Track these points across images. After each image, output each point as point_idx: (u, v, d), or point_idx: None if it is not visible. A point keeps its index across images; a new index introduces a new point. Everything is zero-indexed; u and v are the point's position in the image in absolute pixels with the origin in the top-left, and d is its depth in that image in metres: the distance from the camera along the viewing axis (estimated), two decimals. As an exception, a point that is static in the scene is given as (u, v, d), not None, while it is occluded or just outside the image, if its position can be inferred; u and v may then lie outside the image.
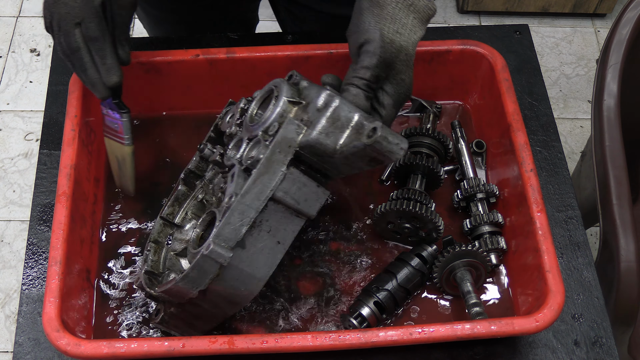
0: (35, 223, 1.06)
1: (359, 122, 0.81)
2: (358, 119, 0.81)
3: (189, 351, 0.85)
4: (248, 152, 0.86)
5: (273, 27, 1.53)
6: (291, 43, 1.21)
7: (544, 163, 1.13)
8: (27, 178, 2.16)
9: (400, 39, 0.86)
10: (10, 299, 1.96)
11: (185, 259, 0.94)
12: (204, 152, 0.97)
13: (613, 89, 1.33)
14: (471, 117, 1.18)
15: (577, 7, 2.49)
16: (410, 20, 0.87)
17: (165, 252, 0.95)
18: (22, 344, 0.97)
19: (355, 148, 0.82)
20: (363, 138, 0.81)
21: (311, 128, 0.82)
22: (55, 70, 1.20)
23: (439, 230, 1.01)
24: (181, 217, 0.97)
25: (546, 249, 0.92)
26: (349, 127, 0.82)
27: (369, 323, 0.96)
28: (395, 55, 0.86)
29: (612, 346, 0.99)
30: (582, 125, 2.33)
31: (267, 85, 0.93)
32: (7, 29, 2.47)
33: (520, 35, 1.26)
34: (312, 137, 0.82)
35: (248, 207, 0.82)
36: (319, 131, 0.81)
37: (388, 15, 0.86)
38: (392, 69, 0.87)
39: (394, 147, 0.82)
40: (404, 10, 0.86)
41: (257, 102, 0.93)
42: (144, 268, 0.92)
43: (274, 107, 0.86)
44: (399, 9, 0.86)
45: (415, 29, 0.87)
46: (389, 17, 0.85)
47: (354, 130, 0.81)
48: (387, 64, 0.86)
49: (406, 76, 0.88)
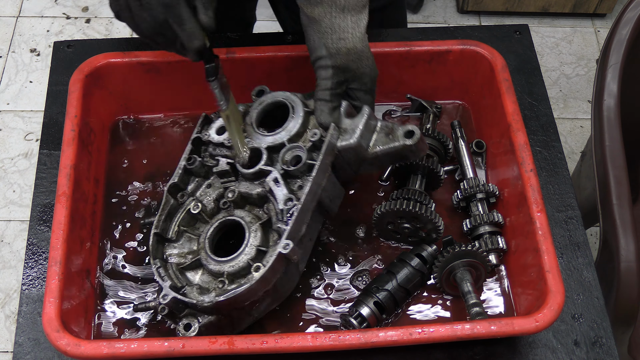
0: (35, 223, 1.06)
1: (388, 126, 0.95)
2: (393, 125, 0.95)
3: (189, 351, 0.85)
4: (285, 158, 0.94)
5: (273, 27, 1.53)
6: (291, 43, 1.21)
7: (544, 163, 1.13)
8: (27, 178, 2.16)
9: (345, 45, 0.91)
10: (10, 299, 1.96)
11: (191, 271, 0.94)
12: (194, 166, 0.98)
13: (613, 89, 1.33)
14: (471, 117, 1.18)
15: (577, 7, 2.49)
16: (348, 20, 0.91)
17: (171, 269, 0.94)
18: (22, 344, 0.97)
19: (392, 149, 0.94)
20: (400, 139, 0.93)
21: (349, 134, 0.93)
22: (55, 70, 1.20)
23: (439, 230, 1.01)
24: (174, 232, 0.97)
25: (546, 249, 0.92)
26: (377, 131, 0.96)
27: (369, 323, 0.95)
28: (345, 59, 0.92)
29: (612, 346, 0.98)
30: (582, 125, 2.33)
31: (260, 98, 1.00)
32: (7, 29, 2.47)
33: (520, 35, 1.26)
34: (353, 141, 0.93)
35: (307, 208, 0.92)
36: (358, 136, 0.93)
37: (327, 27, 0.91)
38: (349, 70, 0.93)
39: (423, 146, 0.95)
40: (339, 16, 0.91)
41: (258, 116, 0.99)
42: (165, 284, 0.90)
43: (294, 121, 0.96)
44: (334, 17, 0.91)
45: (358, 22, 0.92)
46: (328, 30, 0.91)
47: (382, 132, 0.95)
48: (342, 69, 0.93)
49: (364, 67, 0.94)
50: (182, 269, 0.94)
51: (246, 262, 0.90)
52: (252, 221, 0.93)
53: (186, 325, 0.90)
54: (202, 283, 0.93)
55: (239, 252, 0.91)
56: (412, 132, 0.93)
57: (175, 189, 0.98)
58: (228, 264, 0.91)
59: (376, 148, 0.95)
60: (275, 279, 0.90)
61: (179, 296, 0.89)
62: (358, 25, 0.91)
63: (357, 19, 0.91)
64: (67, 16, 2.51)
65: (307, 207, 0.91)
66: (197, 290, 0.91)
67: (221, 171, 0.97)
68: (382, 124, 0.96)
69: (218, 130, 1.00)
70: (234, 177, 0.97)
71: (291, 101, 0.98)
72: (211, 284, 0.92)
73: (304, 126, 0.96)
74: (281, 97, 0.99)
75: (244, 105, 1.01)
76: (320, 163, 0.92)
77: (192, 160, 0.98)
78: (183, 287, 0.92)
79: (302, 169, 0.92)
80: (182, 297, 0.89)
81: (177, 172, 0.98)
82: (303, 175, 0.93)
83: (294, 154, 0.95)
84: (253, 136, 0.97)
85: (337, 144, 0.94)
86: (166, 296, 0.89)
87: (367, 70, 0.94)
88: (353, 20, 0.91)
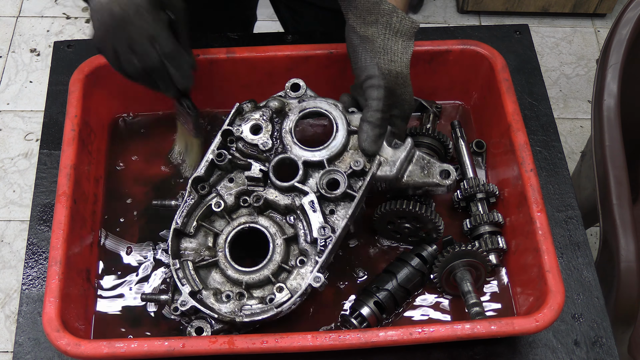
0: (35, 223, 1.06)
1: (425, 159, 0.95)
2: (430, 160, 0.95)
3: (189, 351, 0.85)
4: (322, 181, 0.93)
5: (273, 27, 1.53)
6: (291, 43, 1.21)
7: (544, 163, 1.13)
8: (27, 178, 2.16)
9: (395, 67, 0.91)
10: (10, 299, 1.96)
11: (205, 269, 0.94)
12: (223, 163, 0.95)
13: (613, 89, 1.33)
14: (471, 117, 1.18)
15: (577, 7, 2.49)
16: (399, 45, 0.92)
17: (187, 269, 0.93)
18: (22, 344, 0.97)
19: (425, 184, 0.95)
20: (435, 177, 0.94)
21: (389, 165, 0.93)
22: (55, 70, 1.20)
23: (439, 230, 1.01)
24: (192, 227, 0.96)
25: (546, 249, 0.92)
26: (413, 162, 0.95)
27: (369, 323, 0.95)
28: (394, 82, 0.92)
29: (612, 346, 0.98)
30: (582, 125, 2.33)
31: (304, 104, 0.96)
32: (7, 29, 2.46)
33: (520, 35, 1.26)
34: (392, 174, 0.93)
35: (340, 237, 0.92)
36: (398, 169, 0.93)
37: (380, 48, 0.91)
38: (395, 95, 0.93)
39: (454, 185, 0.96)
40: (392, 39, 0.91)
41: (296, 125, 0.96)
42: (185, 290, 0.90)
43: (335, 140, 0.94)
44: (387, 38, 0.91)
45: (406, 49, 0.92)
46: (381, 50, 0.91)
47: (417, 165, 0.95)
48: (391, 92, 0.92)
49: (406, 94, 0.94)
50: (198, 267, 0.94)
51: (266, 277, 0.91)
52: (277, 234, 0.93)
53: (198, 328, 0.90)
54: (217, 285, 0.93)
55: (261, 266, 0.92)
56: (449, 173, 0.94)
57: (199, 181, 0.96)
58: (248, 275, 0.92)
59: (409, 179, 0.95)
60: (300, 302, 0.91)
61: (198, 305, 0.89)
62: (406, 50, 0.92)
63: (407, 44, 0.92)
64: (67, 16, 2.51)
65: (340, 238, 0.92)
66: (213, 293, 0.92)
67: (252, 177, 0.95)
68: (419, 156, 0.95)
69: (253, 128, 0.95)
70: (263, 183, 0.95)
71: (334, 116, 0.95)
72: (226, 286, 0.93)
73: (344, 147, 0.94)
74: (324, 109, 0.95)
75: (278, 101, 0.97)
76: (360, 196, 0.91)
77: (222, 156, 0.95)
78: (199, 291, 0.92)
79: (339, 197, 0.92)
80: (201, 307, 0.89)
81: (204, 164, 0.95)
82: (338, 201, 0.92)
83: (332, 177, 0.93)
84: (289, 145, 0.94)
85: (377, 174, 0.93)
86: (185, 302, 0.90)
87: (408, 98, 0.95)
88: (403, 45, 0.92)
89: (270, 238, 0.92)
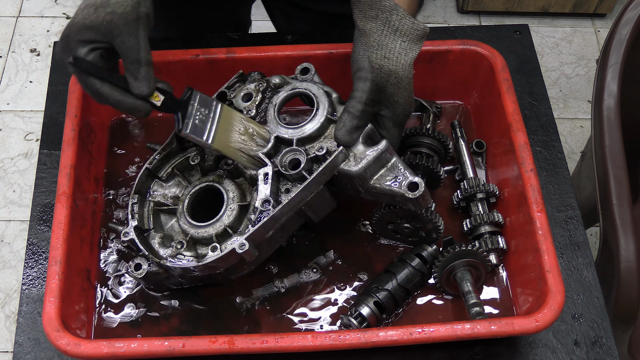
0: (35, 223, 1.06)
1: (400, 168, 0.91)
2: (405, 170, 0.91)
3: (189, 351, 0.85)
4: (284, 158, 0.92)
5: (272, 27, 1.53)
6: (291, 43, 1.21)
7: (544, 163, 1.13)
8: (27, 178, 2.16)
9: (388, 64, 0.89)
10: (10, 299, 1.96)
11: (166, 215, 0.97)
12: None
13: (613, 89, 1.33)
14: (471, 117, 1.18)
15: (577, 7, 2.49)
16: (398, 44, 0.90)
17: (147, 207, 0.97)
18: (22, 344, 0.97)
19: (391, 192, 0.91)
20: (402, 187, 0.89)
21: (355, 162, 0.90)
22: (55, 70, 1.20)
23: (439, 230, 1.01)
24: (166, 172, 0.99)
25: (546, 249, 0.92)
26: (387, 167, 0.92)
27: (369, 323, 0.95)
28: (385, 79, 0.90)
29: (612, 346, 0.98)
30: (582, 125, 2.33)
31: (296, 82, 0.97)
32: (7, 29, 2.46)
33: (520, 35, 1.26)
34: (354, 170, 0.90)
35: (280, 216, 0.90)
36: (362, 167, 0.90)
37: (375, 42, 0.90)
38: (384, 93, 0.91)
39: (424, 202, 0.91)
40: (389, 36, 0.90)
41: (283, 101, 0.96)
42: (132, 223, 0.93)
43: (311, 123, 0.92)
44: (384, 35, 0.90)
45: (406, 51, 0.90)
46: (375, 44, 0.90)
47: (388, 171, 0.91)
48: (379, 88, 0.90)
49: (400, 97, 0.92)
50: (159, 210, 0.97)
51: (210, 235, 0.92)
52: (234, 199, 0.94)
53: (136, 265, 0.93)
54: (173, 233, 0.96)
55: (207, 224, 0.93)
56: (417, 185, 0.89)
57: None
58: (194, 229, 0.93)
59: (377, 183, 0.91)
60: (222, 268, 0.91)
61: (136, 240, 0.92)
62: (406, 53, 0.90)
63: (408, 47, 0.90)
64: (67, 16, 2.51)
65: (279, 216, 0.90)
66: (160, 239, 0.94)
67: None
68: (395, 163, 0.91)
69: (244, 96, 0.97)
70: None
71: (319, 101, 0.94)
72: (179, 237, 0.95)
73: (319, 132, 0.92)
74: (313, 92, 0.94)
75: (281, 78, 0.98)
76: (311, 180, 0.89)
77: None
78: (148, 230, 0.95)
79: (295, 177, 0.90)
80: (139, 243, 0.92)
81: None
82: (295, 181, 0.91)
83: (294, 157, 0.92)
84: (270, 118, 0.95)
85: (340, 166, 0.91)
86: (127, 234, 0.93)
87: (402, 101, 0.92)
88: (402, 46, 0.90)
89: (226, 200, 0.94)
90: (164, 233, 0.96)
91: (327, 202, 0.96)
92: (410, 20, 0.90)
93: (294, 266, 1.03)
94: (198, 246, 0.94)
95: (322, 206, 0.96)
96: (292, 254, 1.04)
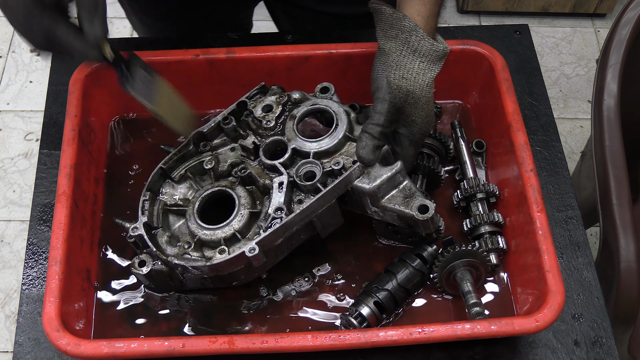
0: (35, 223, 1.06)
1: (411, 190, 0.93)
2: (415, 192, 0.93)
3: (189, 351, 0.85)
4: (300, 169, 0.94)
5: (273, 27, 1.53)
6: (291, 43, 1.21)
7: (544, 163, 1.13)
8: (27, 178, 2.16)
9: (406, 84, 0.90)
10: (10, 299, 1.96)
11: (174, 216, 0.98)
12: (228, 126, 0.99)
13: (613, 89, 1.33)
14: (471, 117, 1.18)
15: (577, 7, 2.49)
16: (416, 65, 0.90)
17: (157, 206, 0.98)
18: (22, 344, 0.97)
19: (401, 212, 0.92)
20: (412, 209, 0.91)
21: (370, 180, 0.92)
22: (55, 70, 1.20)
23: (439, 230, 1.01)
24: (179, 174, 1.00)
25: (546, 249, 0.92)
26: (399, 188, 0.93)
27: (369, 323, 0.95)
28: (403, 99, 0.90)
29: (612, 346, 0.99)
30: (582, 125, 2.33)
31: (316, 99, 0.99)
32: (7, 29, 2.46)
33: (520, 35, 1.26)
34: (368, 188, 0.92)
35: (292, 224, 0.92)
36: (376, 186, 0.91)
37: (393, 62, 0.90)
38: (402, 113, 0.92)
39: (432, 225, 0.93)
40: (408, 57, 0.90)
41: (303, 114, 0.99)
42: (142, 219, 0.94)
43: (330, 138, 0.95)
44: (403, 55, 0.90)
45: (424, 71, 0.91)
46: (394, 64, 0.90)
47: (401, 193, 0.93)
48: (397, 108, 0.91)
49: (417, 117, 0.92)
50: (168, 210, 0.97)
51: (219, 239, 0.92)
52: (246, 205, 0.94)
53: (141, 262, 0.93)
54: (180, 235, 0.96)
55: (217, 227, 0.93)
56: (427, 208, 0.91)
57: (201, 137, 1.00)
58: (203, 231, 0.93)
59: (388, 203, 0.93)
60: (228, 271, 0.92)
61: (145, 236, 0.92)
62: (425, 73, 0.91)
63: (427, 67, 0.91)
64: (67, 16, 2.51)
65: (290, 225, 0.91)
66: (167, 238, 0.95)
67: (244, 146, 0.98)
68: (407, 185, 0.93)
69: (265, 107, 0.99)
70: (253, 157, 0.98)
71: (338, 118, 0.96)
72: (186, 238, 0.95)
73: (336, 147, 0.94)
74: (333, 110, 0.97)
75: (301, 94, 1.00)
76: (325, 193, 0.91)
77: (228, 120, 0.99)
78: (156, 228, 0.95)
79: (309, 188, 0.92)
80: (147, 239, 0.92)
81: (210, 124, 1.00)
82: (309, 193, 0.93)
83: (310, 169, 0.94)
84: (288, 130, 0.97)
85: (354, 182, 0.93)
86: (136, 229, 0.93)
87: (419, 121, 0.92)
88: (421, 67, 0.90)
89: (237, 205, 0.94)
90: (171, 233, 0.96)
91: (336, 217, 0.97)
92: (429, 42, 0.90)
93: (294, 266, 1.03)
94: (205, 249, 0.94)
95: (331, 221, 0.97)
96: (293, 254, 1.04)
